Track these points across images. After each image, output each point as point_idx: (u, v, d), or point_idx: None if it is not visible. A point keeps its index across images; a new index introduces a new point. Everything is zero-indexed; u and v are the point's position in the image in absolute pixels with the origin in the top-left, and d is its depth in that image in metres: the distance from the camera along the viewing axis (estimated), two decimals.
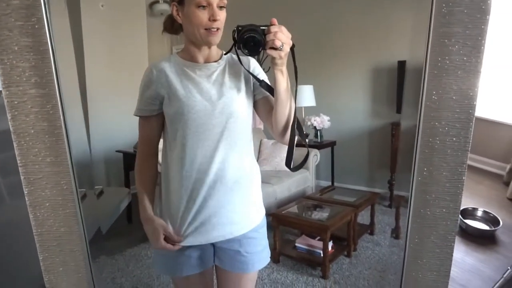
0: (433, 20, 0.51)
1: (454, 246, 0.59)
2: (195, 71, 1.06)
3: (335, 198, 3.07)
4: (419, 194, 0.57)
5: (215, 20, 0.98)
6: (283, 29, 0.90)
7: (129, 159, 3.27)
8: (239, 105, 1.05)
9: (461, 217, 2.96)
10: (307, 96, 3.85)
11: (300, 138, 1.11)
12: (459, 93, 0.53)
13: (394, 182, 3.54)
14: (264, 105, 1.09)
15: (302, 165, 1.11)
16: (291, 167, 1.05)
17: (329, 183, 3.96)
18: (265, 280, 2.39)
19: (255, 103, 1.11)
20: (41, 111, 0.53)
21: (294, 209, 2.79)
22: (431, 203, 0.57)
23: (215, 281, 1.23)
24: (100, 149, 3.66)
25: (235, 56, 1.06)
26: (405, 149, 3.39)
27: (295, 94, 1.03)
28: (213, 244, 1.12)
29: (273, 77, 0.99)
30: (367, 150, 4.05)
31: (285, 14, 4.05)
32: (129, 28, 4.06)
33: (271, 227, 2.54)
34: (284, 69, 0.95)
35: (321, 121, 3.84)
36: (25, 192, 0.55)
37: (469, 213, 3.08)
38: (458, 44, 0.50)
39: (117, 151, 3.49)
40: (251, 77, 1.08)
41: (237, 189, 1.07)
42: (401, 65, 3.55)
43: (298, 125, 1.07)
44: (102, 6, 3.87)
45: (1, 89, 0.53)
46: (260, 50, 0.92)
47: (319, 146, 3.78)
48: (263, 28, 0.91)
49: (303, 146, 1.12)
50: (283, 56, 0.91)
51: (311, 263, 2.56)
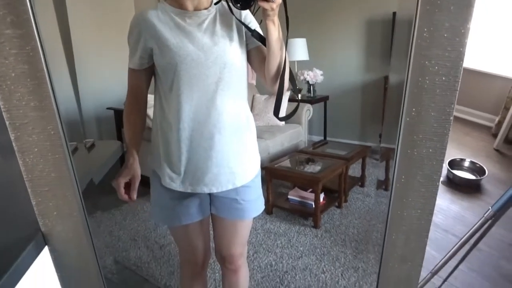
0: None
1: (439, 185, 0.61)
2: (184, 19, 1.02)
3: (327, 151, 3.11)
4: (407, 134, 0.58)
5: None
6: None
7: (120, 116, 3.24)
8: (232, 54, 1.02)
9: (448, 167, 3.04)
10: (300, 49, 3.77)
11: (291, 88, 1.10)
12: (450, 31, 0.52)
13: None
14: (256, 55, 1.07)
15: (291, 115, 1.11)
16: (279, 116, 1.05)
17: (322, 138, 4.00)
18: (259, 230, 2.48)
19: (247, 53, 1.08)
20: (21, 53, 0.51)
21: (286, 163, 2.83)
22: (418, 143, 0.58)
23: (212, 231, 1.28)
24: (90, 106, 3.61)
25: (225, 3, 1.01)
26: (394, 103, 3.39)
27: (285, 45, 1.01)
28: (209, 193, 1.14)
29: (265, 28, 0.96)
30: (359, 104, 4.05)
31: None
32: None
33: (264, 181, 2.59)
34: (275, 19, 0.93)
35: (314, 76, 3.79)
36: (12, 138, 0.55)
37: (456, 164, 3.16)
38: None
39: (108, 108, 3.45)
40: (243, 26, 1.04)
41: (236, 140, 1.08)
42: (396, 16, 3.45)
43: (291, 78, 1.05)
44: None
45: None
46: (251, 4, 0.89)
47: (312, 101, 3.76)
48: None
49: (295, 100, 1.12)
50: (274, 7, 0.89)
51: (303, 214, 2.65)
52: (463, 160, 3.20)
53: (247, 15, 1.06)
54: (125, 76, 1.09)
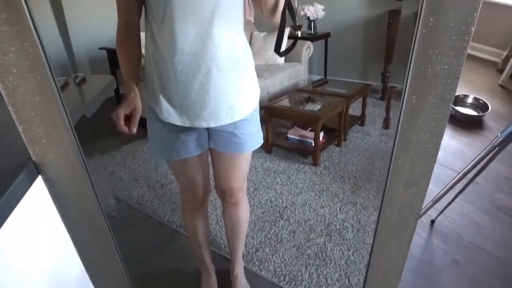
0: None
1: (451, 107, 0.57)
2: None
3: (327, 90, 3.04)
4: (422, 49, 0.53)
5: None
6: None
7: (114, 56, 3.11)
8: None
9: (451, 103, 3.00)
10: None
11: (291, 24, 1.03)
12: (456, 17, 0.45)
13: (387, 74, 3.48)
14: None
15: (290, 49, 1.05)
16: (280, 51, 0.99)
17: (322, 77, 3.90)
18: (259, 168, 2.50)
19: None
20: None
21: (286, 102, 2.78)
22: (434, 59, 0.53)
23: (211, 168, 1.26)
24: (81, 47, 3.46)
25: None
26: (403, 39, 3.25)
27: None
28: (207, 128, 1.11)
29: None
30: (361, 41, 3.89)
31: None
32: None
33: (263, 120, 2.56)
34: None
35: (315, 11, 3.59)
36: None
37: (460, 100, 3.11)
38: None
39: (100, 49, 3.30)
40: None
41: (234, 73, 1.02)
42: None
43: (291, 12, 0.97)
44: None
45: None
46: None
47: (312, 38, 3.60)
48: None
49: (295, 37, 1.05)
50: None
51: (302, 152, 2.66)
52: (466, 96, 3.14)
53: None
54: (115, 12, 1.00)
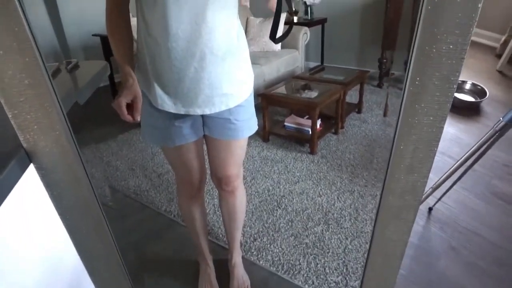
0: None
1: (455, 89, 0.55)
2: None
3: (324, 77, 3.02)
4: (426, 28, 0.50)
5: None
6: None
7: (107, 42, 3.06)
8: None
9: None
10: None
11: (289, 14, 1.00)
12: None
13: (385, 60, 3.46)
14: None
15: (286, 35, 1.03)
16: (275, 38, 0.97)
17: (319, 64, 3.86)
18: (256, 157, 2.49)
19: None
20: None
21: (282, 89, 2.75)
22: (439, 38, 0.51)
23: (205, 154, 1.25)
24: (74, 33, 3.40)
25: None
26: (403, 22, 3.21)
27: None
28: (202, 115, 1.09)
29: None
30: (358, 27, 3.85)
31: None
32: None
33: (260, 108, 2.53)
34: None
35: None
36: None
37: (457, 86, 3.09)
38: None
39: (93, 35, 3.25)
40: None
41: (228, 59, 1.00)
42: None
43: None
44: None
45: None
46: None
47: (309, 23, 3.55)
48: None
49: (291, 23, 1.03)
50: None
51: (299, 140, 2.64)
52: (464, 82, 3.12)
53: None
54: None
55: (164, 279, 1.56)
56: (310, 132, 2.51)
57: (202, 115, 1.10)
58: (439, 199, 1.84)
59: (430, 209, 1.86)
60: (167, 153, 1.21)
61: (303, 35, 3.37)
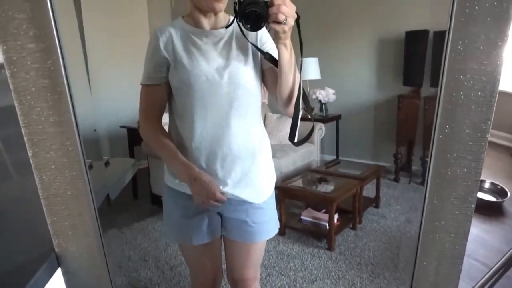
0: None
1: (474, 207, 0.57)
2: (201, 38, 1.01)
3: (340, 171, 3.06)
4: (440, 152, 0.54)
5: None
6: (287, 1, 0.83)
7: (133, 134, 3.27)
8: (247, 74, 1.01)
9: None
10: (312, 68, 3.77)
11: (304, 107, 1.07)
12: (486, 43, 0.49)
13: (400, 155, 3.52)
14: (270, 76, 1.04)
15: (306, 139, 1.06)
16: (295, 141, 1.01)
17: (334, 157, 3.95)
18: (271, 252, 2.42)
19: (262, 73, 1.07)
20: (42, 67, 0.50)
21: (299, 182, 2.79)
22: (452, 162, 0.54)
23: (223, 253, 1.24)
24: (103, 124, 3.65)
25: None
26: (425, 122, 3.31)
27: (300, 67, 0.98)
28: (220, 214, 1.11)
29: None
30: (372, 123, 4.01)
31: None
32: None
33: (277, 200, 2.54)
34: (288, 42, 0.90)
35: (326, 94, 3.78)
36: (30, 154, 0.53)
37: None
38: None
39: (121, 127, 3.47)
40: (259, 46, 1.02)
41: (249, 162, 1.05)
42: (409, 36, 3.45)
43: (304, 97, 1.03)
44: None
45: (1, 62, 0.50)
46: (262, 24, 0.85)
47: (324, 119, 3.73)
48: (265, 0, 0.83)
49: (308, 120, 1.09)
50: (286, 30, 0.85)
51: (316, 235, 2.58)
52: (483, 181, 3.10)
53: (263, 35, 1.04)
54: (138, 93, 1.06)
55: None
56: (327, 226, 2.47)
57: (220, 215, 1.12)
58: None
59: None
60: (184, 251, 1.21)
61: (319, 130, 3.52)
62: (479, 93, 0.51)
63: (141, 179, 3.26)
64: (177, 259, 2.36)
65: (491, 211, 2.87)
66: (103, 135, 3.74)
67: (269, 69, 1.04)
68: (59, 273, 0.64)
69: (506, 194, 2.96)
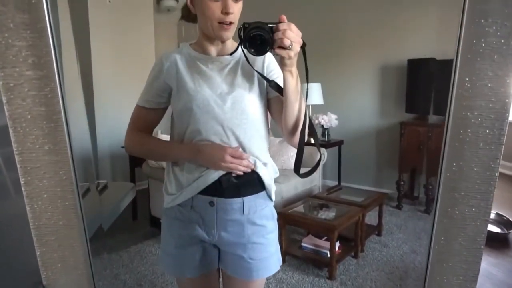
0: None
1: (483, 249, 0.55)
2: (207, 65, 1.01)
3: (342, 197, 3.02)
4: (447, 191, 0.52)
5: (228, 13, 0.92)
6: (293, 26, 0.83)
7: (134, 156, 3.26)
8: (250, 101, 0.99)
9: None
10: (315, 94, 3.79)
11: (310, 136, 1.05)
12: (494, 80, 0.48)
13: (403, 182, 3.48)
14: (276, 104, 1.02)
15: (312, 172, 1.02)
16: (300, 173, 0.99)
17: (336, 183, 3.91)
18: (271, 279, 2.35)
19: (268, 101, 1.05)
20: (39, 95, 0.49)
21: (300, 208, 2.74)
22: (460, 201, 0.52)
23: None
24: (105, 144, 3.65)
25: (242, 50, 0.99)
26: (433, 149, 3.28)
27: (305, 94, 0.96)
28: (218, 247, 1.08)
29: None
30: (374, 149, 3.99)
31: (293, 10, 4.00)
32: (136, 24, 4.05)
33: (278, 226, 2.49)
34: (293, 69, 0.89)
35: (329, 120, 3.78)
36: (22, 182, 0.52)
37: None
38: (495, 24, 0.45)
39: (123, 147, 3.47)
40: (265, 74, 1.01)
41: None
42: (412, 63, 3.48)
43: (311, 127, 1.01)
44: (109, 1, 3.85)
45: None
46: (267, 49, 0.84)
47: (326, 145, 3.72)
48: (271, 25, 0.83)
49: (313, 145, 1.06)
50: (292, 56, 0.84)
51: (317, 263, 2.52)
52: None
53: (270, 62, 1.03)
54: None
55: None
56: (328, 255, 2.41)
57: (219, 249, 1.08)
58: None
59: None
60: (179, 283, 1.16)
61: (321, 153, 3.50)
62: (487, 131, 0.50)
63: (141, 200, 3.23)
64: (174, 285, 2.30)
65: (497, 243, 2.80)
66: (104, 155, 3.73)
67: (275, 98, 1.03)
68: None
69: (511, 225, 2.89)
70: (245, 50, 0.88)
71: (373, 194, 3.06)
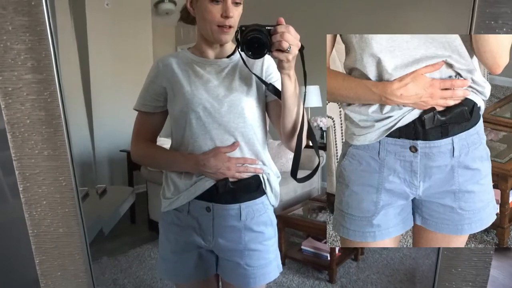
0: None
1: (493, 254, 0.54)
2: (204, 68, 1.00)
3: None
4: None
5: (227, 17, 0.91)
6: (291, 29, 0.82)
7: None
8: (248, 104, 0.98)
9: None
10: (313, 96, 3.78)
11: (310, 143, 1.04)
12: None
13: None
14: (274, 108, 1.02)
15: (309, 177, 1.02)
16: (297, 177, 0.98)
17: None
18: (270, 283, 2.33)
19: (266, 105, 1.04)
20: (38, 99, 0.48)
21: (299, 211, 2.73)
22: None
23: None
24: (103, 148, 3.63)
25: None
26: None
27: (303, 98, 0.96)
28: (215, 253, 1.07)
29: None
30: None
31: (291, 13, 4.00)
32: (134, 27, 4.03)
33: (278, 229, 2.48)
34: (291, 73, 0.88)
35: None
36: (20, 188, 0.50)
37: None
38: (506, 26, 0.44)
39: (121, 151, 3.45)
40: (264, 77, 1.00)
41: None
42: None
43: (310, 132, 1.00)
44: (107, 4, 3.84)
45: None
46: (265, 52, 0.84)
47: (325, 147, 3.71)
48: (268, 28, 0.83)
49: (310, 147, 1.05)
50: (290, 59, 0.84)
51: (317, 266, 2.50)
52: None
53: (269, 66, 1.02)
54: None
55: None
56: (328, 257, 2.39)
57: (216, 256, 1.06)
58: None
59: None
60: (177, 287, 1.15)
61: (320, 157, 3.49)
62: None
63: (140, 203, 3.21)
64: None
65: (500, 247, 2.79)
66: (102, 159, 3.71)
67: (273, 101, 1.02)
68: None
69: None
70: (243, 53, 0.88)
71: None
